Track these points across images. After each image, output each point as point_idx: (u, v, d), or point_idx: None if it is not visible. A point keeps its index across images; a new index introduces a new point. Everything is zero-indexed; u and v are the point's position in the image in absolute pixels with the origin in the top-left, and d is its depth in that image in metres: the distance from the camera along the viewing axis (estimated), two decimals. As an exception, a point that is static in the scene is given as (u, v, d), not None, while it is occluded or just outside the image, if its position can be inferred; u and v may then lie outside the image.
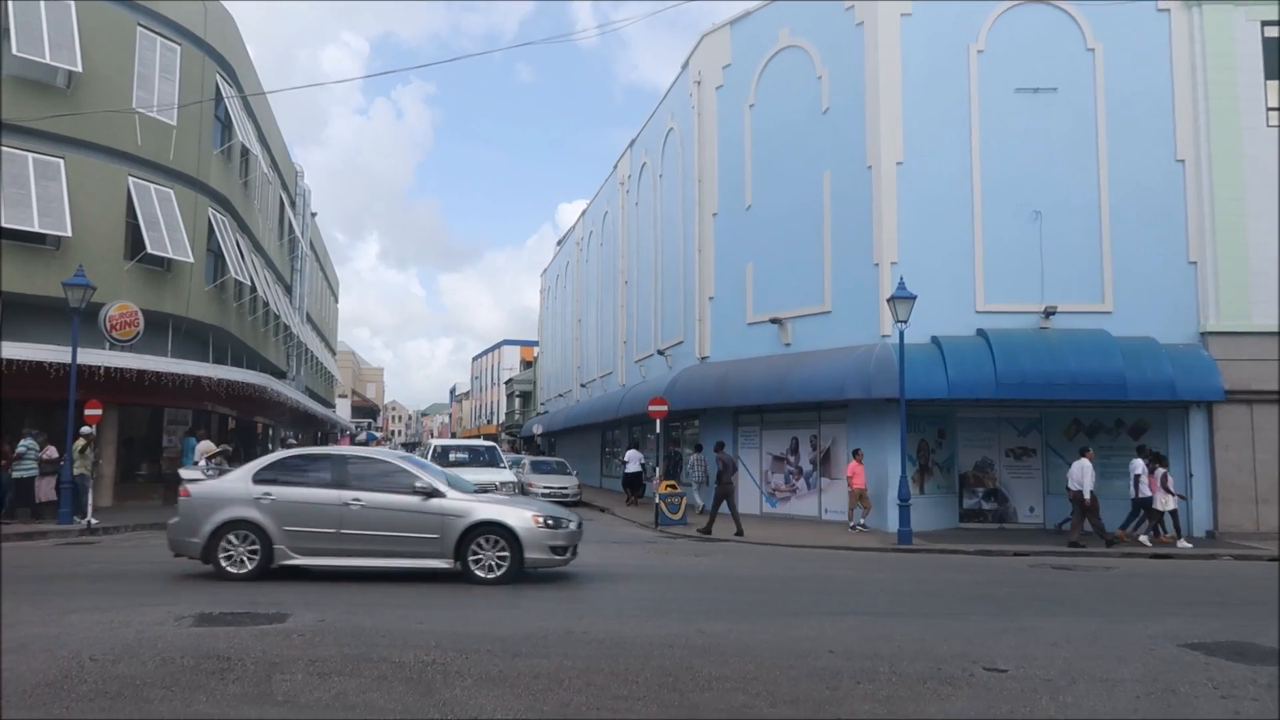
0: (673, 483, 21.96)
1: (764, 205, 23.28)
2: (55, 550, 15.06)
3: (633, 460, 28.48)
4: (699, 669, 6.83)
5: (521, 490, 19.75)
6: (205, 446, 19.51)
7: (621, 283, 35.39)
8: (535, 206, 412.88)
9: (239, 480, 11.46)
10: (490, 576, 10.94)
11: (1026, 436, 20.66)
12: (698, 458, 23.78)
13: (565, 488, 28.45)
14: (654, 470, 32.23)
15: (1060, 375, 18.31)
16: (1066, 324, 19.34)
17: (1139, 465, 17.46)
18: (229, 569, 11.02)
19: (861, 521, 19.16)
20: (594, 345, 41.33)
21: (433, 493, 11.21)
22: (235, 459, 27.36)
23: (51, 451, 18.59)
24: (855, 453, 18.30)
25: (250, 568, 11.03)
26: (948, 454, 20.68)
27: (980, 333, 19.25)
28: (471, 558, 11.00)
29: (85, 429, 18.41)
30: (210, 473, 18.02)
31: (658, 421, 22.12)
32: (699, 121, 25.51)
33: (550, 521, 11.28)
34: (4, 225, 18.86)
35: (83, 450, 18.26)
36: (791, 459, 22.69)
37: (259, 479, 11.33)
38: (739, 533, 18.05)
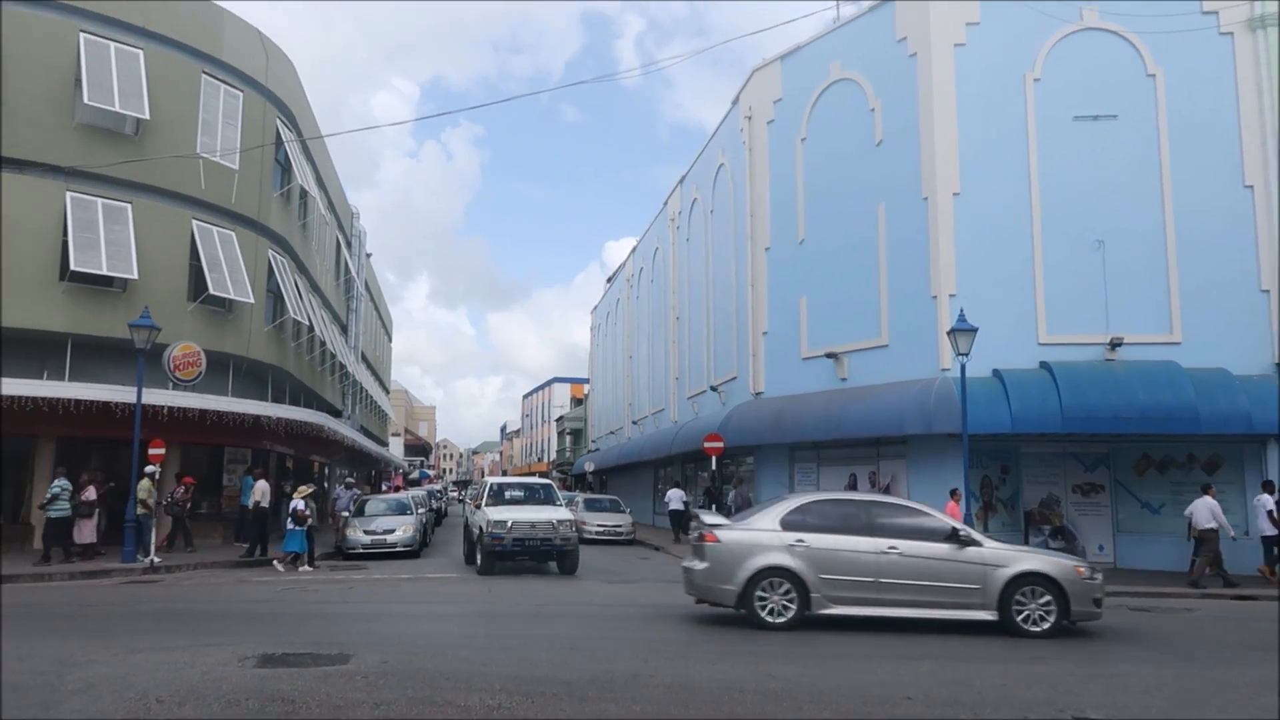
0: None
1: (817, 239, 23.10)
2: (119, 589, 15.23)
3: (675, 499, 28.63)
4: (773, 715, 6.59)
5: (578, 529, 19.57)
6: (303, 489, 19.58)
7: (673, 319, 35.33)
8: (582, 245, 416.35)
9: (766, 526, 11.14)
10: (1036, 630, 10.49)
11: (1094, 472, 20.02)
12: (737, 492, 23.61)
13: (619, 526, 28.28)
14: (696, 508, 32.12)
15: (1128, 409, 17.76)
16: (1133, 355, 18.80)
17: (1269, 500, 16.80)
18: (767, 619, 10.71)
19: None
20: (645, 382, 41.23)
21: (970, 541, 10.86)
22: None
23: (90, 493, 18.45)
24: (953, 493, 17.49)
25: (788, 617, 10.71)
26: (1012, 490, 20.12)
27: (1043, 365, 18.79)
28: (1015, 609, 10.57)
29: (150, 468, 18.68)
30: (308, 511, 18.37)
31: (713, 459, 21.86)
32: (750, 156, 25.49)
33: (1094, 574, 10.83)
34: (74, 269, 19.38)
35: (148, 490, 18.53)
36: (850, 496, 22.23)
37: (787, 525, 11.04)
38: None
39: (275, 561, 18.52)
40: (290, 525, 18.51)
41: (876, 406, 19.86)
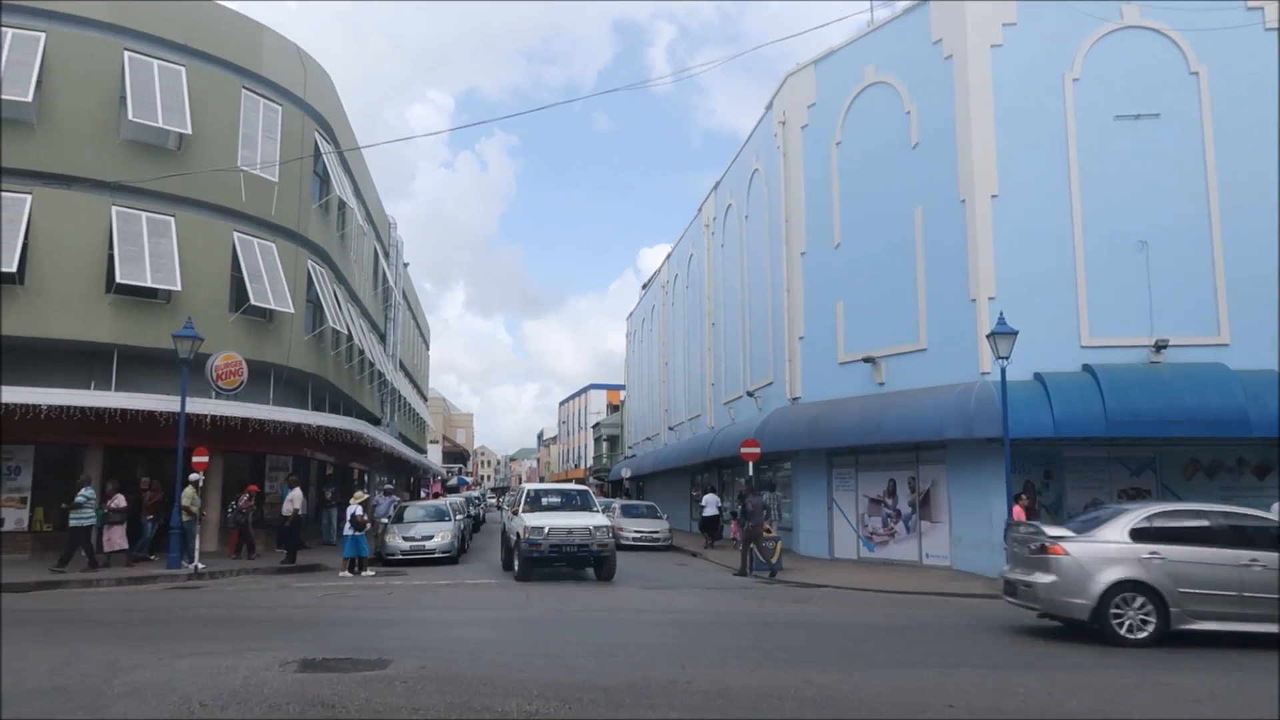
0: (767, 526, 21.51)
1: (853, 243, 22.95)
2: (164, 594, 15.47)
3: (710, 504, 29.07)
4: (812, 723, 6.52)
5: (615, 535, 19.58)
6: (359, 495, 20.00)
7: (708, 324, 35.26)
8: (617, 252, 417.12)
9: (1114, 538, 10.75)
10: None
11: (1140, 477, 19.63)
12: (770, 496, 23.54)
13: (656, 532, 28.25)
14: (730, 514, 32.06)
15: (1175, 412, 17.40)
16: (1180, 358, 18.43)
17: None
18: (1125, 635, 10.28)
19: None
20: (681, 388, 41.18)
21: None
22: (337, 504, 27.89)
23: (120, 500, 18.69)
24: (1019, 496, 17.19)
25: (1147, 633, 10.27)
26: (1055, 495, 19.79)
27: (1086, 368, 18.49)
28: None
29: (194, 476, 18.98)
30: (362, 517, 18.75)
31: (750, 464, 21.77)
32: (784, 161, 25.39)
33: None
34: (120, 281, 19.77)
35: (191, 497, 18.82)
36: (889, 501, 22.05)
37: (1137, 536, 10.66)
38: (771, 574, 18.97)
39: (341, 571, 18.79)
40: (350, 531, 18.79)
41: (915, 411, 19.66)
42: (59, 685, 7.53)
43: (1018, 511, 16.27)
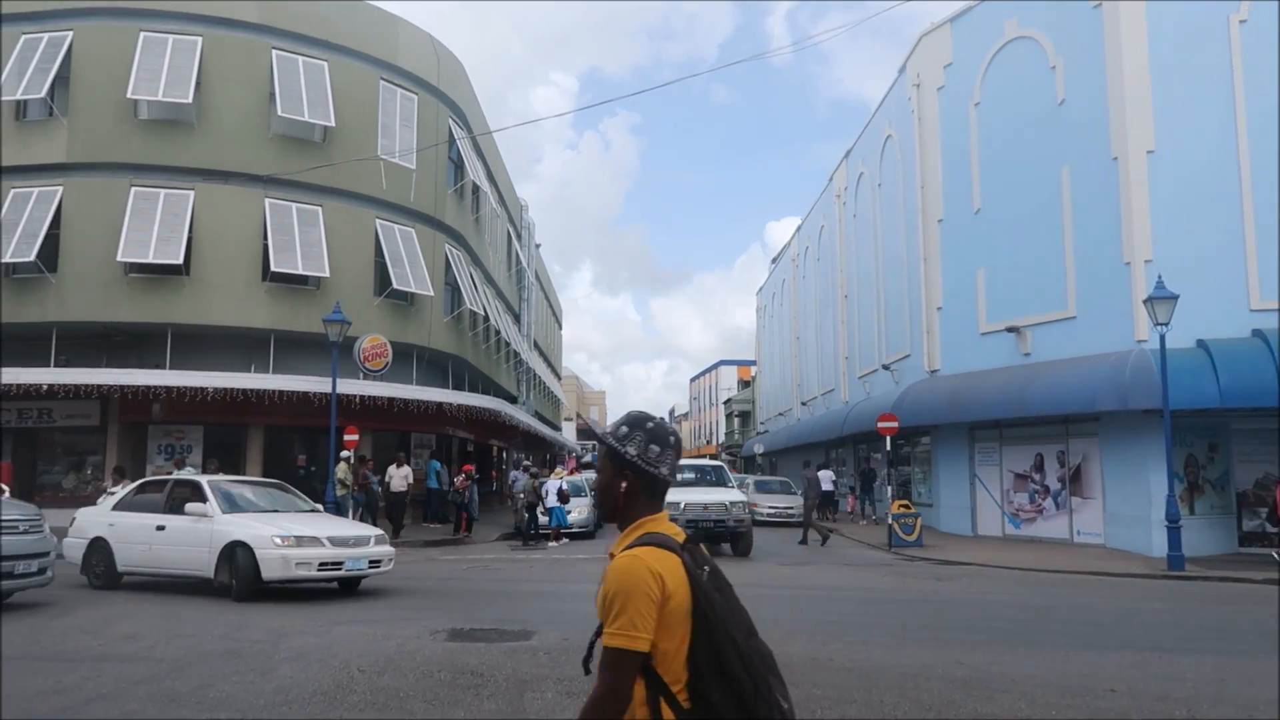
0: (906, 502, 21.00)
1: (994, 208, 21.97)
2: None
3: (824, 479, 28.26)
4: (963, 705, 6.32)
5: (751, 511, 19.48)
6: (560, 471, 21.62)
7: (841, 297, 34.54)
8: (743, 227, 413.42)
9: None
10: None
11: (1319, 449, 18.14)
12: (892, 472, 23.26)
13: (790, 508, 27.98)
14: (847, 489, 31.67)
15: (1361, 379, 15.95)
16: (1366, 320, 16.86)
17: None
18: None
19: None
20: (814, 362, 40.57)
21: None
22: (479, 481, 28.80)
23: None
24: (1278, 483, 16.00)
25: None
26: (1221, 470, 18.51)
27: (1257, 333, 17.15)
28: None
29: (345, 453, 19.93)
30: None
31: (887, 439, 21.25)
32: (919, 125, 24.51)
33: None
34: (274, 270, 20.89)
35: (344, 473, 19.77)
36: (1036, 477, 21.13)
37: None
38: (824, 541, 20.63)
39: (551, 541, 20.79)
40: (553, 502, 21.20)
41: (1064, 382, 18.72)
42: (231, 649, 8.04)
43: None
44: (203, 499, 11.93)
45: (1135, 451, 18.17)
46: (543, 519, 21.38)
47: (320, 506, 14.24)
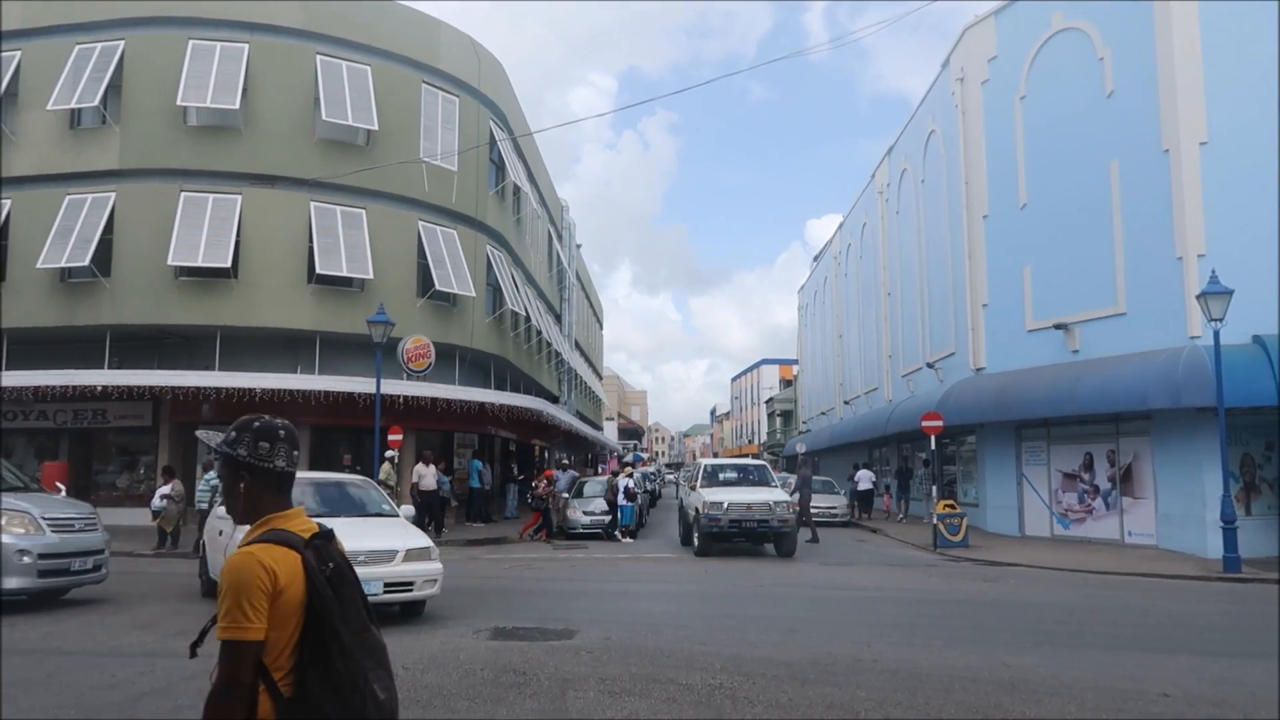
0: (951, 502, 20.73)
1: (1041, 202, 21.60)
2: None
3: (863, 479, 29.66)
4: (1009, 708, 6.22)
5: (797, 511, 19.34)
6: (628, 469, 22.44)
7: (884, 294, 34.20)
8: (783, 225, 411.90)
9: None
10: None
11: (1382, 448, 17.60)
12: (925, 472, 22.85)
13: (834, 508, 27.74)
14: (885, 488, 31.54)
15: None
16: None
17: None
18: None
19: None
20: (856, 360, 40.21)
21: None
22: (517, 481, 28.97)
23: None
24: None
25: None
26: (1278, 468, 18.04)
27: (1316, 329, 16.66)
28: None
29: (389, 453, 20.14)
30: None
31: (931, 438, 20.99)
32: (963, 120, 24.18)
33: None
34: (319, 272, 21.19)
35: (388, 473, 19.99)
36: (1085, 476, 20.73)
37: None
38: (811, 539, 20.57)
39: (624, 538, 21.59)
40: (622, 501, 21.79)
41: (1114, 379, 18.34)
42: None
43: None
44: None
45: (1189, 450, 17.76)
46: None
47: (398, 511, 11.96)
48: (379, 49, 23.14)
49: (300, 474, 13.20)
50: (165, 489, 17.30)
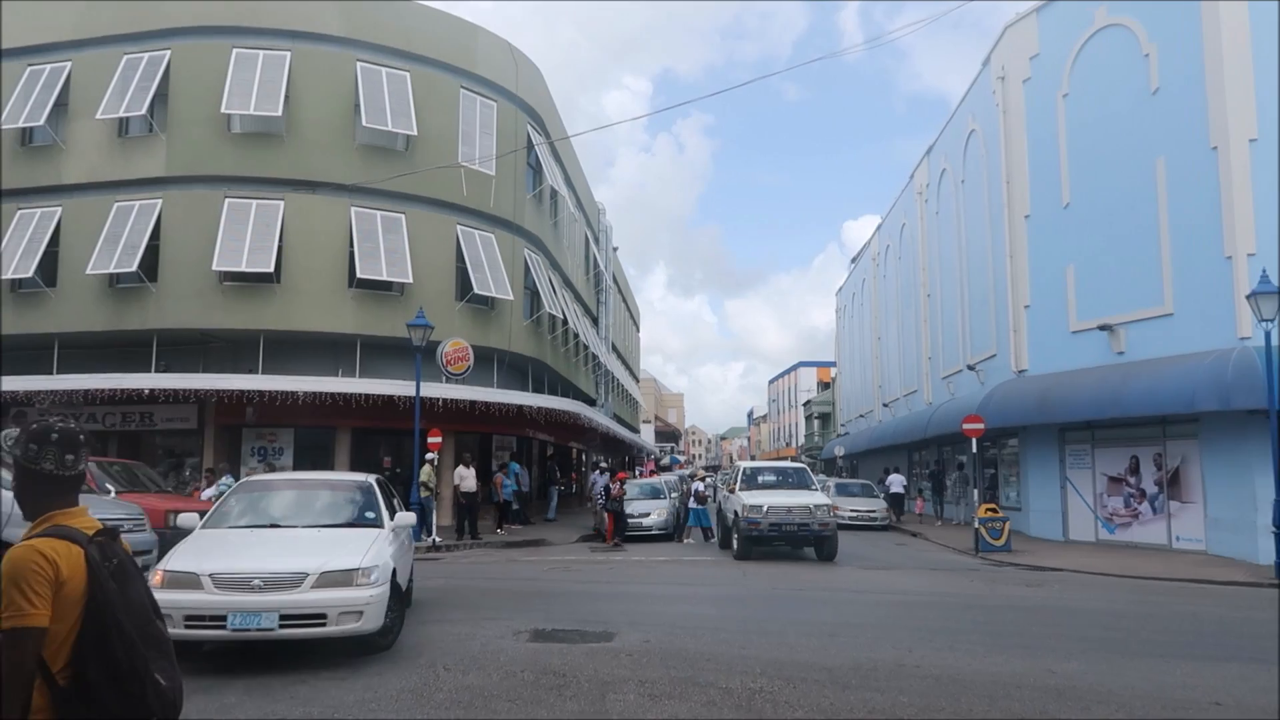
0: (993, 506, 20.45)
1: (1085, 202, 21.27)
2: (408, 565, 16.65)
3: (895, 483, 29.65)
4: (1055, 715, 6.11)
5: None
6: (701, 474, 22.30)
7: (923, 296, 33.86)
8: (819, 227, 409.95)
9: None
10: None
11: None
12: (959, 475, 22.56)
13: (873, 511, 27.54)
14: (918, 491, 31.30)
15: None
16: None
17: None
18: None
19: None
20: (895, 363, 39.85)
21: None
22: (554, 483, 29.06)
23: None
24: None
25: None
26: (1333, 473, 17.55)
27: (1372, 329, 16.20)
28: None
29: (429, 455, 20.31)
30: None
31: (973, 441, 20.73)
32: (1005, 119, 23.88)
33: None
34: (360, 276, 21.43)
35: (429, 475, 20.17)
36: (1131, 480, 20.35)
37: None
38: None
39: (688, 539, 22.19)
40: (693, 504, 22.37)
41: (1161, 381, 17.99)
42: (321, 647, 8.24)
43: None
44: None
45: (1239, 454, 17.37)
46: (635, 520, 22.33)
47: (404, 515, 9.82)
48: (418, 55, 23.35)
49: (284, 475, 12.56)
50: (209, 490, 17.60)
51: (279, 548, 8.16)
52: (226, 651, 7.94)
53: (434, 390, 21.03)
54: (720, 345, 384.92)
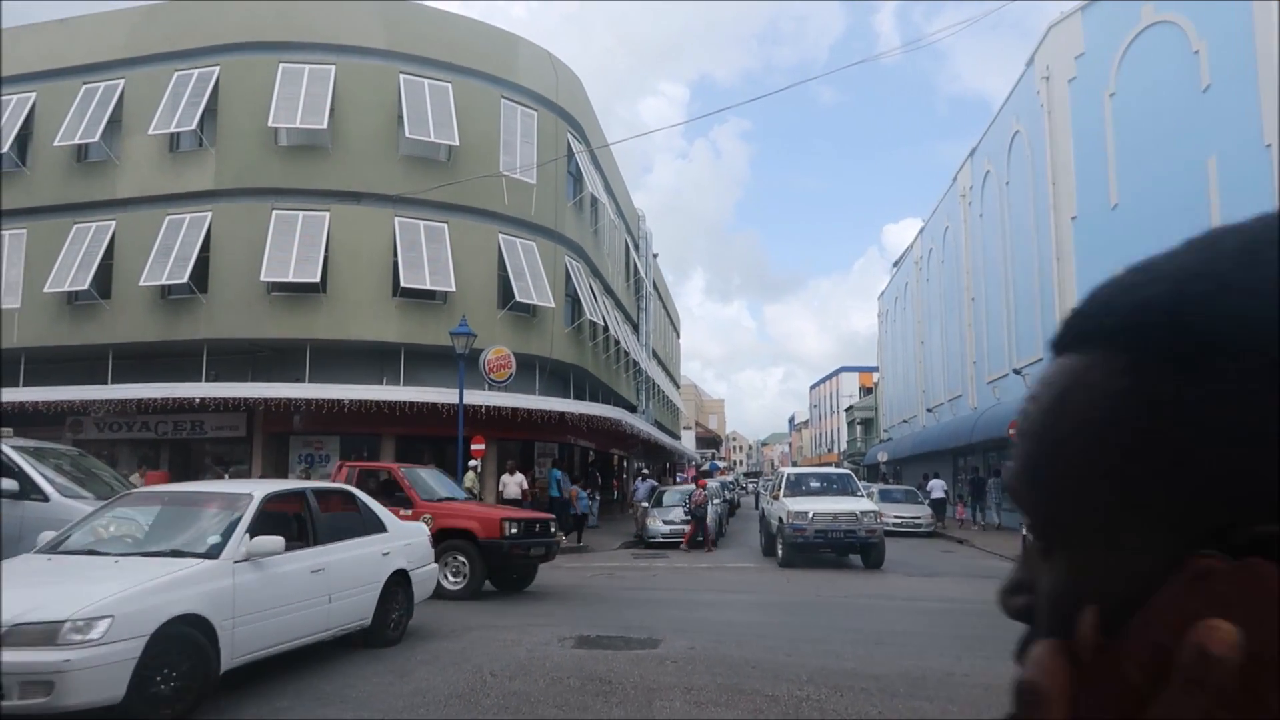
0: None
1: (1133, 202, 20.90)
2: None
3: (936, 489, 29.59)
4: (1111, 725, 6.00)
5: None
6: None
7: (967, 299, 33.47)
8: (859, 230, 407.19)
9: None
10: None
11: None
12: (995, 480, 22.22)
13: (918, 518, 27.22)
14: (959, 497, 30.95)
15: None
16: None
17: None
18: None
19: None
20: (939, 367, 39.42)
21: None
22: (602, 489, 29.11)
23: None
24: None
25: None
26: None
27: None
28: None
29: (473, 462, 20.47)
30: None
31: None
32: (1050, 120, 23.56)
33: None
34: (404, 286, 21.71)
35: (472, 481, 20.32)
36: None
37: None
38: None
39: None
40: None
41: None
42: (370, 652, 8.35)
43: None
44: None
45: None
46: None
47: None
48: (459, 66, 23.61)
49: (156, 489, 9.45)
50: None
51: (28, 585, 5.94)
52: (273, 655, 8.06)
53: (477, 397, 21.20)
54: (760, 350, 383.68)
